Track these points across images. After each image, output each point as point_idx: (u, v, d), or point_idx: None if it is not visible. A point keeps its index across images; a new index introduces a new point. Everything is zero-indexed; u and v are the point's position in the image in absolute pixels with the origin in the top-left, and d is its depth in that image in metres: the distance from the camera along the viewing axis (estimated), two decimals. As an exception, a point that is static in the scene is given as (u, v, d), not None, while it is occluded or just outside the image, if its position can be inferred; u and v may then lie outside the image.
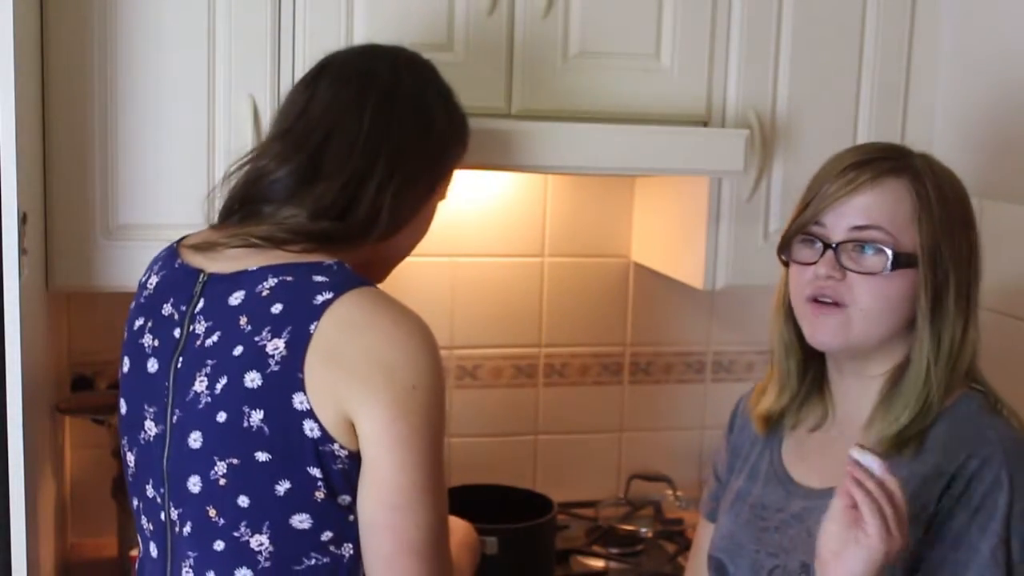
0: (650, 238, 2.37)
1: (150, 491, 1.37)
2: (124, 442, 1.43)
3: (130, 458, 1.41)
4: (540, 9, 1.92)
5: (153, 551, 1.39)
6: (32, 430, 1.64)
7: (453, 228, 2.27)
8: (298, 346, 1.24)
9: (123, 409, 1.43)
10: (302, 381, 1.24)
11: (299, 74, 1.82)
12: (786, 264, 1.49)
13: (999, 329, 2.02)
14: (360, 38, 1.85)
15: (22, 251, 1.56)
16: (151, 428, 1.36)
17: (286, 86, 1.84)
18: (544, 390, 2.44)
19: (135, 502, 1.42)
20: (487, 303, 2.35)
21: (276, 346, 1.25)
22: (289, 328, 1.25)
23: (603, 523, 2.38)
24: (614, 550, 2.28)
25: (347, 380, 1.24)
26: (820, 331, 1.41)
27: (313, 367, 1.24)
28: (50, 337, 1.92)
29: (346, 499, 1.29)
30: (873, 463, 1.23)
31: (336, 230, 1.35)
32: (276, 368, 1.25)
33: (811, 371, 1.51)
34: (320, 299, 1.26)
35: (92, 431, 2.11)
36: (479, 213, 2.32)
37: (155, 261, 1.47)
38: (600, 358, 2.46)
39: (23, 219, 1.57)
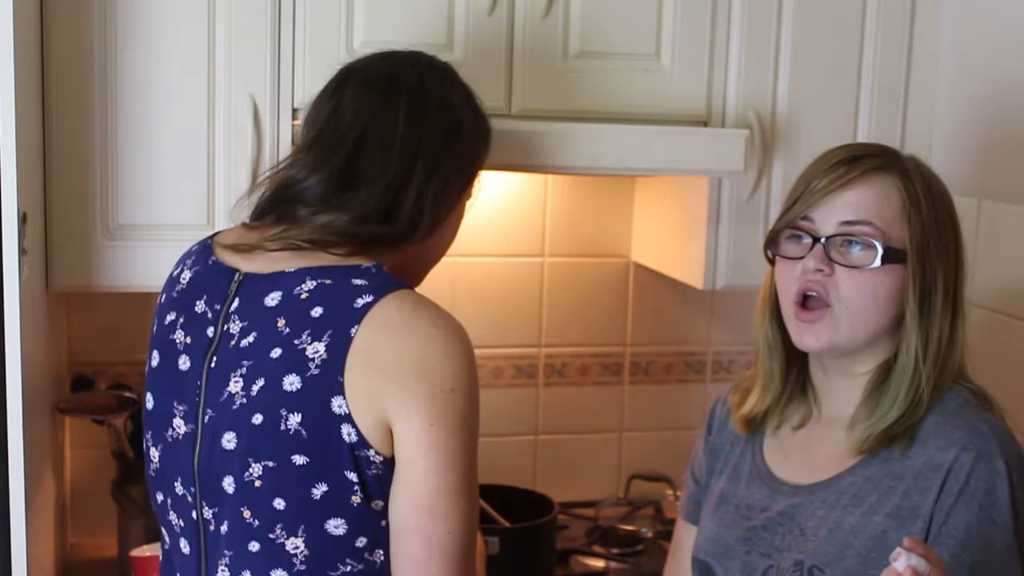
0: (650, 238, 2.37)
1: (179, 488, 1.37)
2: (148, 437, 1.42)
3: (154, 453, 1.40)
4: (540, 9, 1.92)
5: (185, 547, 1.38)
6: (32, 430, 1.64)
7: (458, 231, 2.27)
8: (339, 350, 1.25)
9: (149, 404, 1.42)
10: (342, 385, 1.24)
11: (299, 74, 1.84)
12: (771, 261, 1.49)
13: (999, 329, 2.02)
14: (360, 38, 1.85)
15: (22, 251, 1.56)
16: (180, 426, 1.35)
17: (286, 86, 1.85)
18: (544, 390, 2.44)
19: (160, 497, 1.41)
20: (487, 303, 2.35)
21: (316, 349, 1.25)
22: (330, 332, 1.25)
23: (603, 523, 2.38)
24: (614, 550, 2.28)
25: (386, 383, 1.24)
26: (806, 334, 1.41)
27: (353, 370, 1.24)
28: (50, 337, 1.92)
29: (379, 504, 1.29)
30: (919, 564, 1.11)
31: (382, 233, 1.36)
32: (316, 372, 1.25)
33: (795, 370, 1.51)
34: (360, 302, 1.27)
35: (92, 431, 2.11)
36: (479, 213, 2.30)
37: (187, 256, 1.46)
38: (600, 358, 2.46)
39: (23, 219, 1.57)
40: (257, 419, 1.27)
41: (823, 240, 1.39)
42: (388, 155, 1.38)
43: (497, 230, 2.35)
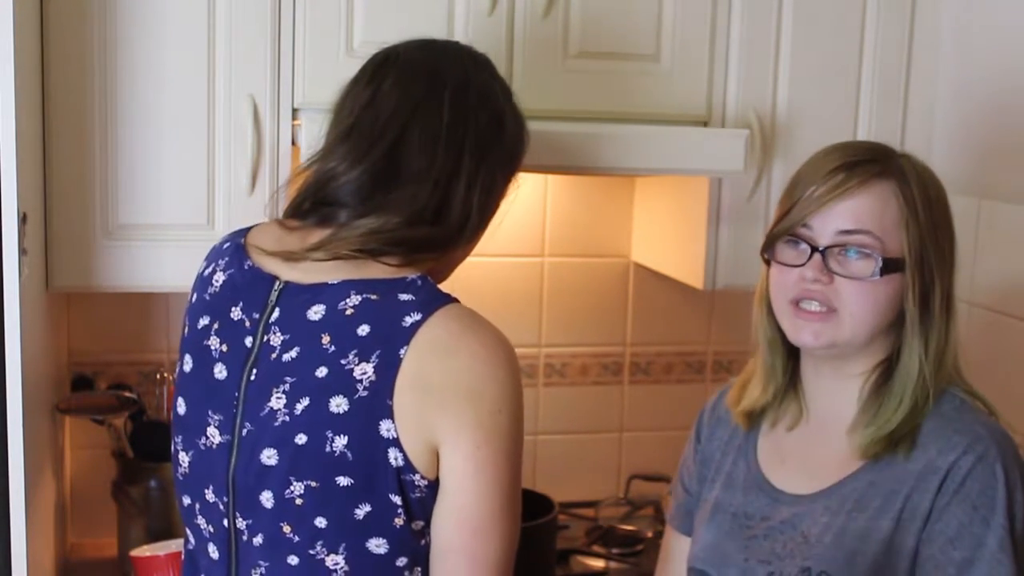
0: (650, 238, 2.37)
1: (210, 496, 1.34)
2: (178, 441, 1.38)
3: (183, 458, 1.37)
4: (540, 9, 1.93)
5: (214, 553, 1.36)
6: (32, 430, 1.64)
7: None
8: (388, 372, 1.22)
9: (181, 409, 1.37)
10: (391, 408, 1.21)
11: (299, 74, 1.84)
12: (767, 262, 1.48)
13: (999, 329, 2.02)
14: (360, 38, 1.85)
15: (22, 251, 1.56)
16: (215, 436, 1.32)
17: (286, 86, 1.85)
18: (544, 390, 2.44)
19: (187, 500, 1.38)
20: (488, 303, 2.33)
21: (364, 371, 1.22)
22: (378, 352, 1.22)
23: (603, 523, 2.38)
24: (614, 550, 2.28)
25: (434, 406, 1.22)
26: (804, 332, 1.41)
27: (402, 394, 1.21)
28: (50, 337, 1.92)
29: (420, 524, 1.27)
30: None
31: (434, 236, 1.33)
32: (364, 394, 1.22)
33: (789, 367, 1.51)
34: (409, 321, 1.23)
35: (92, 431, 2.11)
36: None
37: (218, 255, 1.40)
38: (600, 358, 2.46)
39: (23, 219, 1.57)
40: (301, 439, 1.24)
41: (822, 250, 1.39)
42: (434, 148, 1.32)
43: (497, 230, 2.34)
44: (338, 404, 1.23)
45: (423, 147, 1.32)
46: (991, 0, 2.07)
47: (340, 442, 1.23)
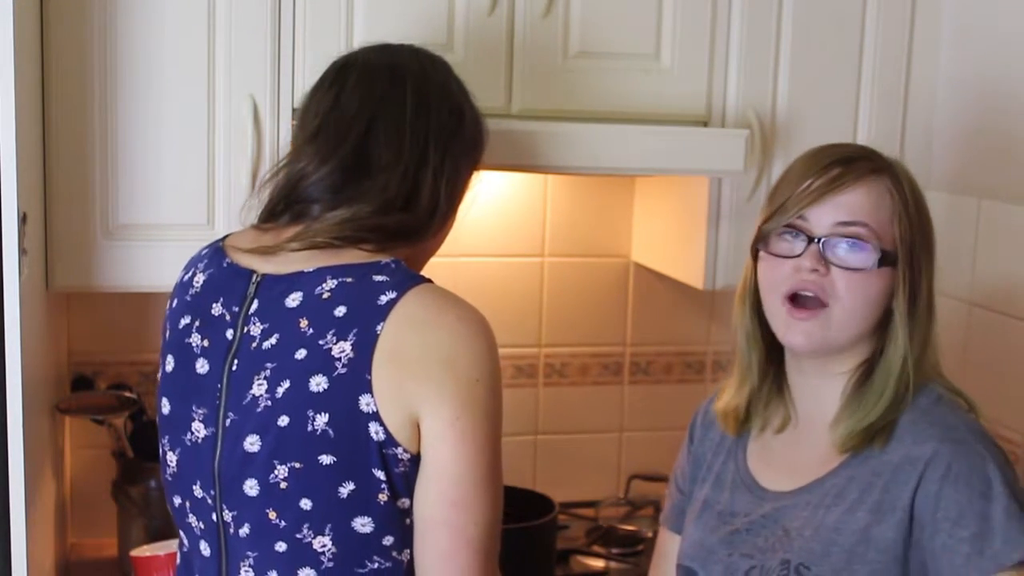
0: (650, 238, 2.37)
1: (198, 491, 1.36)
2: (164, 441, 1.40)
3: (171, 458, 1.39)
4: (540, 9, 1.93)
5: (205, 549, 1.38)
6: (32, 430, 1.64)
7: (453, 228, 2.27)
8: (365, 348, 1.24)
9: (165, 409, 1.40)
10: (369, 383, 1.24)
11: (299, 74, 1.84)
12: (754, 257, 1.49)
13: (999, 329, 2.02)
14: (360, 38, 1.85)
15: (22, 251, 1.56)
16: (200, 430, 1.34)
17: (286, 86, 1.85)
18: (544, 390, 2.44)
19: (177, 500, 1.40)
20: (487, 303, 2.33)
21: (343, 349, 1.25)
22: (355, 330, 1.25)
23: (603, 523, 2.38)
24: (614, 550, 2.28)
25: (412, 378, 1.25)
26: (794, 332, 1.42)
27: (380, 368, 1.24)
28: (50, 337, 1.92)
29: (405, 502, 1.29)
30: None
31: (406, 222, 1.36)
32: (343, 371, 1.24)
33: (773, 367, 1.52)
34: (384, 299, 1.26)
35: (92, 431, 2.11)
36: (479, 213, 2.31)
37: (198, 259, 1.44)
38: (600, 358, 2.46)
39: (23, 219, 1.57)
40: (283, 421, 1.26)
41: (819, 240, 1.40)
42: (400, 140, 1.37)
43: (497, 230, 2.35)
44: (318, 383, 1.25)
45: (389, 139, 1.37)
46: (991, 1, 2.07)
47: (321, 420, 1.25)
